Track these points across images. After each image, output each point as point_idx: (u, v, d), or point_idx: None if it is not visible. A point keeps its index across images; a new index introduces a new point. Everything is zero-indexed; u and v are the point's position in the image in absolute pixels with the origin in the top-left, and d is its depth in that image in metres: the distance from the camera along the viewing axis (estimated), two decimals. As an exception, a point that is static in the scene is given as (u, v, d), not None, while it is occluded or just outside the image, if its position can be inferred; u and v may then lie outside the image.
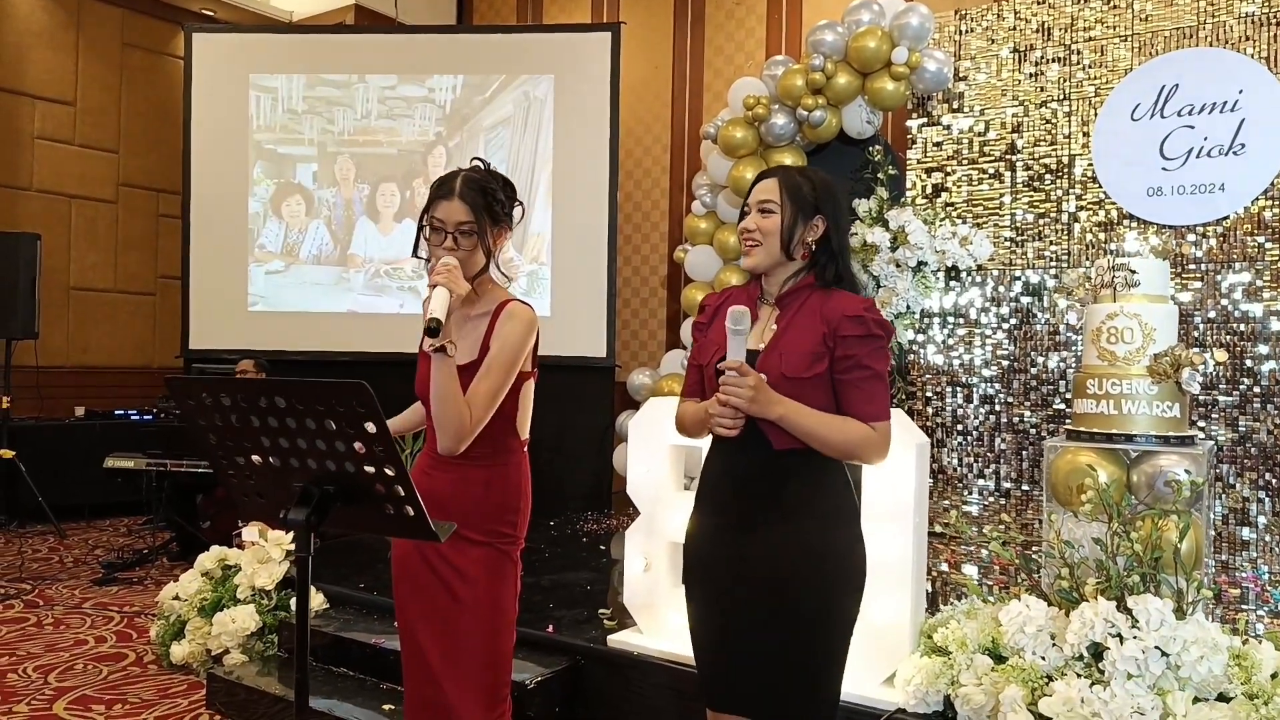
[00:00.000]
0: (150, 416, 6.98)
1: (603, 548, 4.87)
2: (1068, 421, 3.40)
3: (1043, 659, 2.41)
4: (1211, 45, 4.10)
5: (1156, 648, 2.23)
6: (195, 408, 1.75)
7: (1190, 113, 4.14)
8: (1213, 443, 3.55)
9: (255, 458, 1.75)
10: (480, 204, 2.09)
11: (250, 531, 4.13)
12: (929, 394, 4.58)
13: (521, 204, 2.24)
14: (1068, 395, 4.14)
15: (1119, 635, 2.27)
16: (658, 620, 3.21)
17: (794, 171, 1.99)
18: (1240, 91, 4.04)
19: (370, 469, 1.64)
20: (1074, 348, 4.21)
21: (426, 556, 2.09)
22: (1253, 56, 4.01)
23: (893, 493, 2.76)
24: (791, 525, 1.86)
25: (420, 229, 2.15)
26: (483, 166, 2.19)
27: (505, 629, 2.16)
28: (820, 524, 1.87)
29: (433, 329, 1.90)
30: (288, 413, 1.64)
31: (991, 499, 4.40)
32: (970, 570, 4.07)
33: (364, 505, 1.70)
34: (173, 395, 1.79)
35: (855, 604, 1.93)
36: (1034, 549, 3.04)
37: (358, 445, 1.62)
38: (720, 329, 1.95)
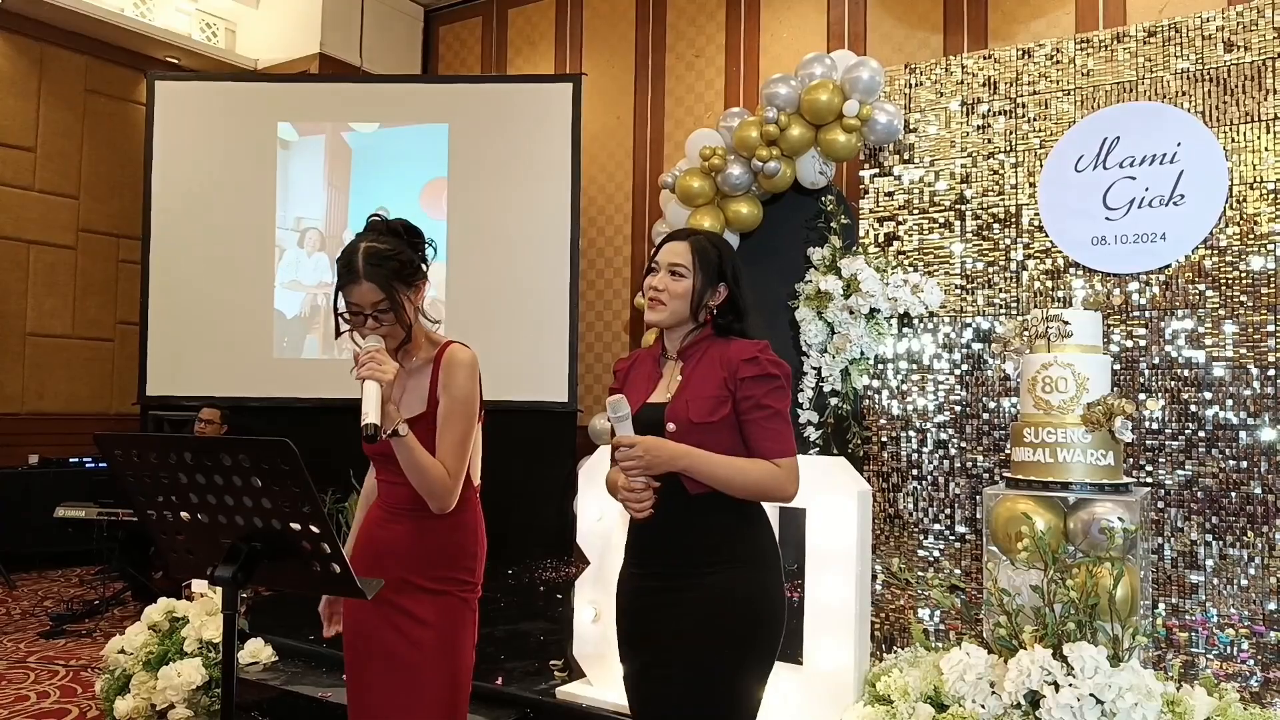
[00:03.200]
0: (105, 464, 6.89)
1: (559, 596, 4.84)
2: (1007, 469, 3.45)
3: (982, 707, 2.42)
4: (1150, 100, 4.23)
5: (1091, 695, 2.26)
6: (124, 464, 1.75)
7: (1131, 164, 4.24)
8: (1148, 489, 3.61)
9: (184, 514, 1.75)
10: (388, 277, 2.03)
11: (200, 583, 4.08)
12: (884, 439, 4.62)
13: (432, 243, 2.18)
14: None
15: (1055, 683, 2.29)
16: (608, 671, 3.20)
17: (703, 237, 2.07)
18: (1178, 144, 4.14)
19: (296, 526, 1.65)
20: (1024, 393, 4.26)
21: (384, 609, 2.08)
22: (1189, 111, 4.13)
23: (835, 540, 2.79)
24: (710, 572, 1.90)
25: (336, 313, 2.10)
26: (382, 223, 2.13)
27: (463, 679, 2.16)
28: (739, 570, 1.91)
29: (370, 436, 1.90)
30: (214, 470, 1.65)
31: (945, 543, 4.43)
32: (926, 615, 4.08)
33: (291, 562, 1.70)
34: (102, 451, 1.78)
35: (773, 649, 1.95)
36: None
37: (282, 503, 1.62)
38: (633, 390, 2.02)
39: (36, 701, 4.12)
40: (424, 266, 2.15)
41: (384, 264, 2.04)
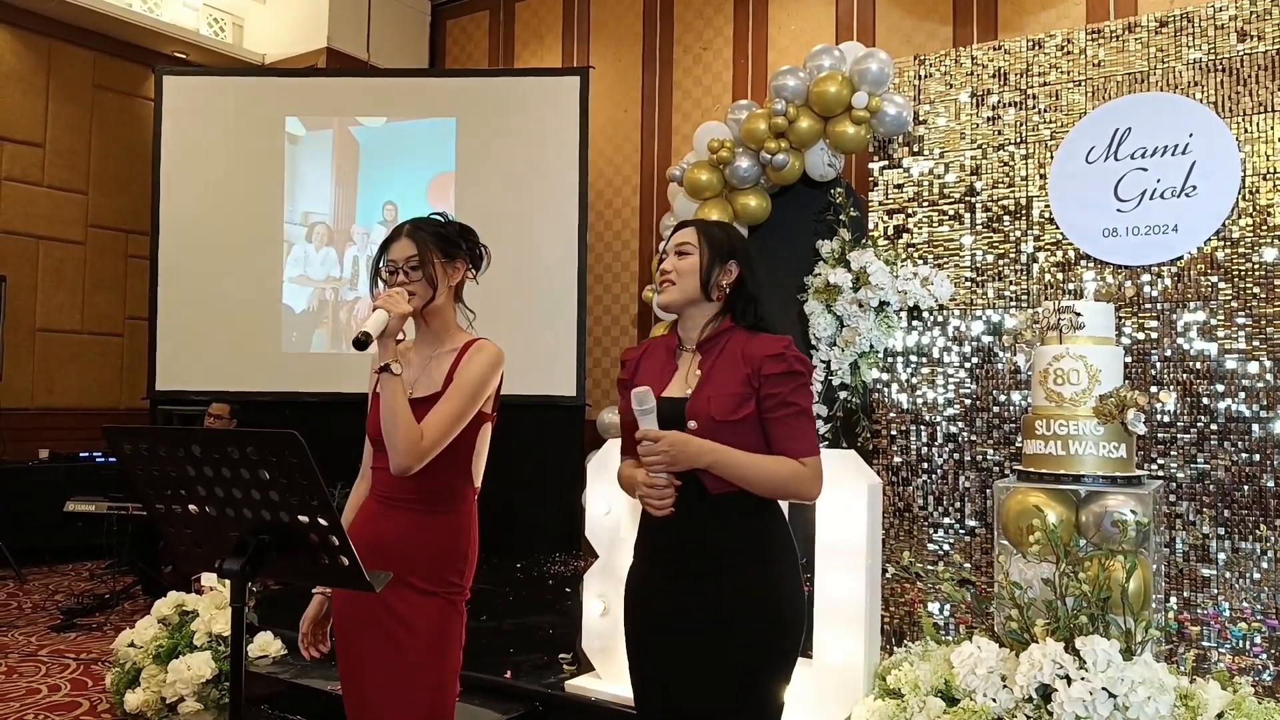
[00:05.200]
0: (115, 459, 6.90)
1: (568, 590, 4.84)
2: (1018, 462, 3.43)
3: (994, 701, 2.41)
4: (1162, 90, 4.19)
5: (1104, 689, 2.24)
6: (132, 457, 1.75)
7: (1143, 155, 4.21)
8: (1160, 482, 3.58)
9: (192, 507, 1.75)
10: (427, 239, 2.16)
11: (209, 576, 4.08)
12: (894, 433, 4.60)
13: (486, 249, 2.30)
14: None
15: (1067, 677, 2.28)
16: (617, 665, 3.19)
17: (710, 222, 2.07)
18: (1190, 135, 4.11)
19: (304, 519, 1.64)
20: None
21: (370, 605, 2.07)
22: (1201, 101, 4.10)
23: (845, 534, 2.78)
24: (732, 572, 1.86)
25: (376, 274, 2.20)
26: (441, 219, 2.26)
27: (450, 679, 2.14)
28: (760, 569, 1.87)
29: (360, 341, 1.92)
30: (222, 462, 1.64)
31: (955, 537, 4.42)
32: (936, 608, 4.07)
33: (299, 555, 1.69)
34: (110, 444, 1.78)
35: (796, 648, 1.93)
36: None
37: (290, 495, 1.62)
38: (644, 382, 1.99)
39: (47, 695, 4.13)
40: (468, 257, 2.26)
41: (426, 228, 2.19)
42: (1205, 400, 3.96)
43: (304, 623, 2.24)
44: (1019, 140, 4.47)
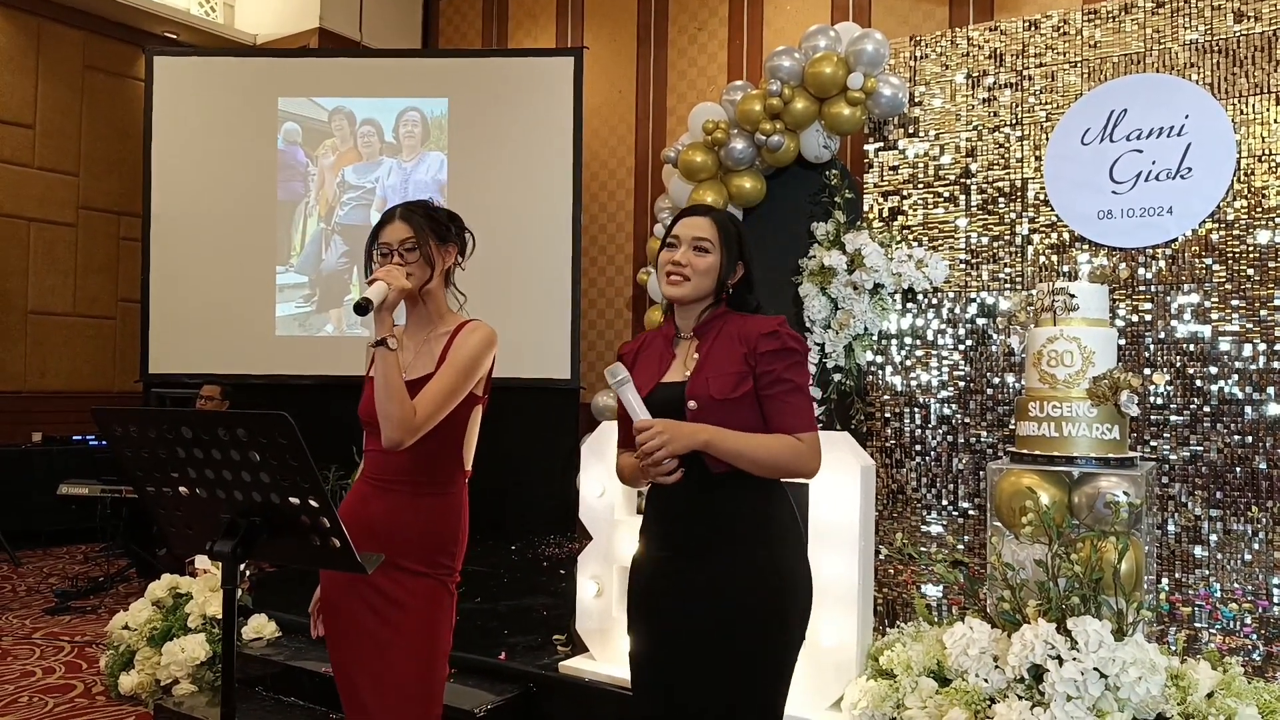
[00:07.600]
0: (108, 442, 6.88)
1: (563, 571, 4.85)
2: (1011, 444, 3.43)
3: (985, 681, 2.42)
4: (1158, 71, 4.18)
5: (1095, 669, 2.25)
6: (122, 439, 1.74)
7: (1138, 137, 4.20)
8: (1153, 464, 3.59)
9: (182, 489, 1.74)
10: (421, 222, 2.17)
11: (203, 559, 4.08)
12: (887, 415, 4.61)
13: (472, 234, 2.31)
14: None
15: (1058, 657, 2.29)
16: (611, 646, 3.20)
17: (723, 214, 2.05)
18: (1186, 117, 4.10)
19: (295, 500, 1.63)
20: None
21: (361, 586, 2.07)
22: (1198, 83, 4.08)
23: (838, 515, 2.78)
24: (736, 551, 1.87)
25: (369, 259, 2.19)
26: (429, 202, 2.27)
27: (440, 660, 2.14)
28: (765, 549, 1.88)
29: (361, 306, 1.94)
30: (212, 444, 1.63)
31: (948, 519, 4.43)
32: (930, 590, 4.08)
33: (291, 537, 1.69)
34: (99, 426, 1.77)
35: (801, 628, 1.94)
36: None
37: (281, 477, 1.61)
38: (644, 372, 1.99)
39: (42, 677, 4.14)
40: (457, 241, 2.27)
41: (418, 211, 2.20)
42: (1198, 382, 3.96)
43: (315, 602, 2.25)
44: (1014, 122, 4.45)
